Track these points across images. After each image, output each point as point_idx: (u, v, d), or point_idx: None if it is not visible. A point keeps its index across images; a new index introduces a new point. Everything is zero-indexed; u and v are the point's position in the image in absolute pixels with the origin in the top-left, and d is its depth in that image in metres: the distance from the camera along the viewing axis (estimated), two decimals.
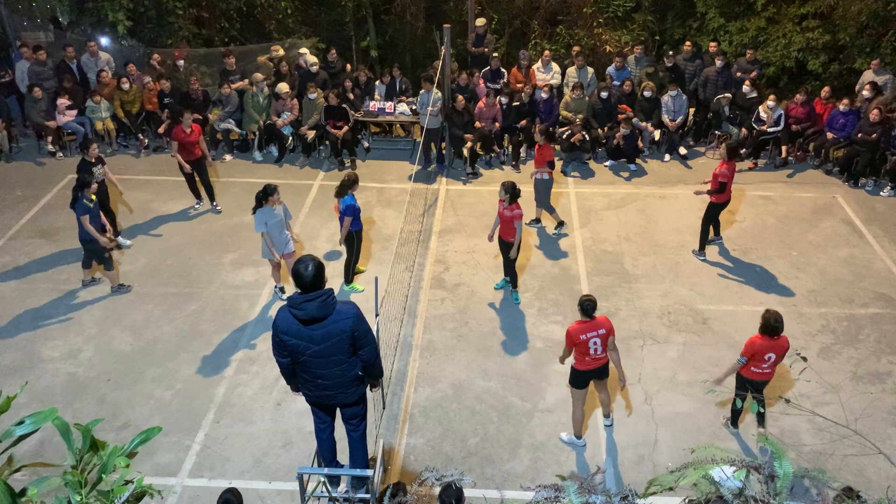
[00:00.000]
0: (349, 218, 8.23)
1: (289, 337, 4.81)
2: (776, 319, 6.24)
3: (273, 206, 8.05)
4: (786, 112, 11.90)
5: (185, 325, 8.35)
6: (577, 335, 6.24)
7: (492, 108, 11.89)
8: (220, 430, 6.94)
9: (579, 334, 6.24)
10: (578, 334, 6.24)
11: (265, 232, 8.10)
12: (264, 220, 8.05)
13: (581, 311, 6.30)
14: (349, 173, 8.34)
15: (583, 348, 6.27)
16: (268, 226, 8.06)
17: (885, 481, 6.35)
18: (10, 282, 9.07)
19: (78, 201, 8.23)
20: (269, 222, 8.06)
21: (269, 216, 8.06)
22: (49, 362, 7.78)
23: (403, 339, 8.13)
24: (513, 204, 8.16)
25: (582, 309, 6.28)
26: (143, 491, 2.59)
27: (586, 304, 6.26)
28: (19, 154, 12.28)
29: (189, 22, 14.14)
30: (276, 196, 8.02)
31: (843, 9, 13.27)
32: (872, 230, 10.24)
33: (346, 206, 8.19)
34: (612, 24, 15.35)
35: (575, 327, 6.28)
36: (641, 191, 11.33)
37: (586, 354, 6.30)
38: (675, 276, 9.24)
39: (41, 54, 12.30)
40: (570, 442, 6.83)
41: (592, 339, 6.25)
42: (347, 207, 8.19)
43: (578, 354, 6.34)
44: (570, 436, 6.83)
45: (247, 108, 12.12)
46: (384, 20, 16.66)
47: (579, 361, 6.38)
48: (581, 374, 6.43)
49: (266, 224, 8.06)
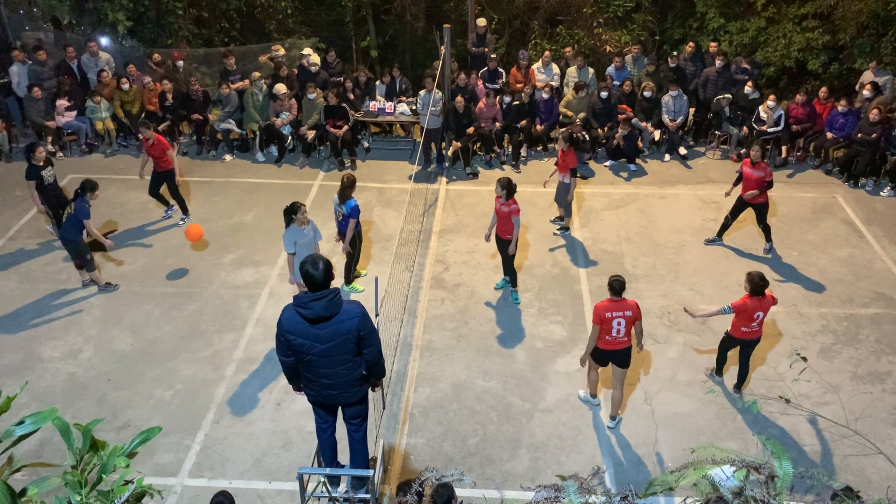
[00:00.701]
0: (354, 220, 8.22)
1: (294, 336, 4.82)
2: (761, 278, 6.65)
3: (301, 226, 7.53)
4: (786, 112, 11.90)
5: (185, 325, 8.35)
6: (604, 312, 6.39)
7: (492, 108, 11.89)
8: (220, 430, 6.94)
9: (605, 311, 6.39)
10: (605, 311, 6.39)
11: (293, 253, 7.59)
12: (294, 240, 7.52)
13: (610, 290, 6.44)
14: (348, 175, 8.22)
15: (607, 326, 6.42)
16: (297, 246, 7.53)
17: (885, 481, 6.35)
18: (10, 282, 9.07)
19: (79, 202, 8.31)
20: (298, 242, 7.52)
21: (298, 236, 7.52)
22: (49, 362, 7.78)
23: (403, 339, 8.13)
24: (509, 199, 8.16)
25: (611, 288, 6.44)
26: (143, 491, 2.59)
27: (616, 284, 6.42)
28: (19, 154, 12.27)
29: (189, 22, 14.14)
30: (301, 214, 7.51)
31: (843, 9, 13.26)
32: (872, 230, 10.24)
33: (352, 209, 8.15)
34: (612, 24, 15.36)
35: (603, 304, 6.44)
36: (641, 191, 11.33)
37: (608, 333, 6.46)
38: (675, 276, 9.24)
39: (41, 54, 12.30)
40: (585, 399, 7.22)
41: (617, 318, 6.38)
42: (353, 209, 8.16)
43: (603, 332, 6.47)
44: (586, 393, 7.18)
45: (247, 107, 12.12)
46: (384, 20, 16.65)
47: (600, 339, 6.51)
48: (600, 352, 6.60)
49: (295, 244, 7.53)
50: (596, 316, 6.43)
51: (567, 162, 9.51)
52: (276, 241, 9.96)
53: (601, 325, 6.42)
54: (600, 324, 6.42)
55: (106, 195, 11.10)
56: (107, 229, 10.09)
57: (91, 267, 8.74)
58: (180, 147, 12.53)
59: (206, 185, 11.48)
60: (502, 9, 15.85)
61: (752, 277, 6.67)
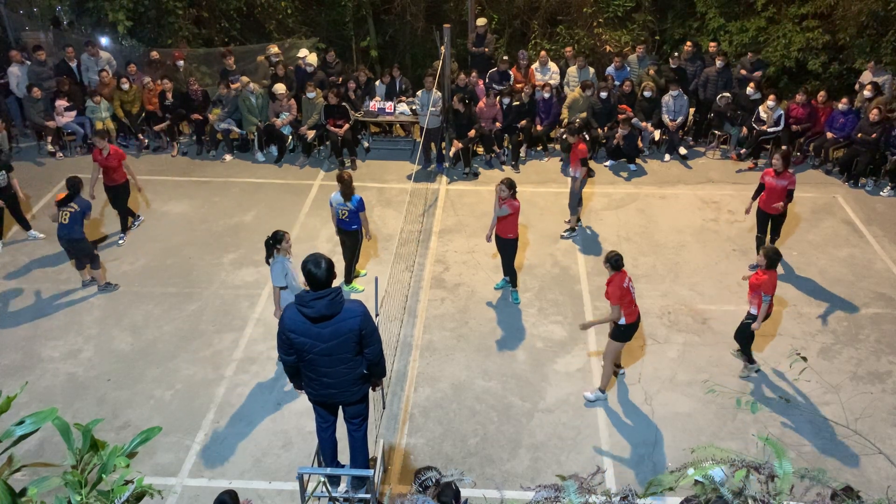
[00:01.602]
0: (363, 212, 8.29)
1: (296, 335, 4.83)
2: (776, 252, 7.03)
3: (286, 255, 6.96)
4: (787, 112, 11.90)
5: (185, 325, 8.35)
6: (621, 283, 6.65)
7: (492, 107, 11.89)
8: (220, 430, 6.94)
9: (622, 282, 6.66)
10: (621, 282, 6.66)
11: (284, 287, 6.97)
12: (283, 272, 6.89)
13: (612, 266, 6.71)
14: (347, 173, 8.25)
15: (628, 296, 6.71)
16: (287, 279, 6.92)
17: (885, 481, 6.35)
18: (10, 282, 9.07)
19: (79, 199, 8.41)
20: (288, 274, 6.93)
21: (287, 267, 6.93)
22: (49, 362, 7.78)
23: (403, 339, 8.13)
24: (513, 199, 8.18)
25: (613, 264, 6.70)
26: (143, 491, 2.59)
27: (616, 259, 6.73)
28: (19, 154, 12.27)
29: (189, 22, 14.14)
30: (286, 243, 6.90)
31: (843, 9, 13.26)
32: (872, 230, 10.24)
33: (359, 202, 8.20)
34: (612, 24, 15.35)
35: (616, 279, 6.68)
36: (641, 191, 11.33)
37: (633, 302, 6.77)
38: (675, 276, 9.24)
39: (40, 54, 12.29)
40: (596, 399, 7.23)
41: (630, 284, 6.77)
42: (360, 203, 8.21)
43: (627, 305, 6.72)
44: (596, 392, 7.22)
45: (241, 110, 12.12)
46: (384, 20, 16.65)
47: (630, 313, 6.79)
48: (633, 326, 6.89)
49: (286, 277, 6.91)
50: (616, 294, 6.65)
51: (576, 153, 9.45)
52: None
53: (622, 298, 6.66)
54: (620, 300, 6.67)
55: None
56: (95, 237, 9.87)
57: (97, 263, 8.75)
58: (180, 147, 12.54)
59: (206, 185, 11.48)
60: (502, 9, 15.84)
61: (769, 253, 7.00)
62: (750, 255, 9.66)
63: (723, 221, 10.44)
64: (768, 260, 6.99)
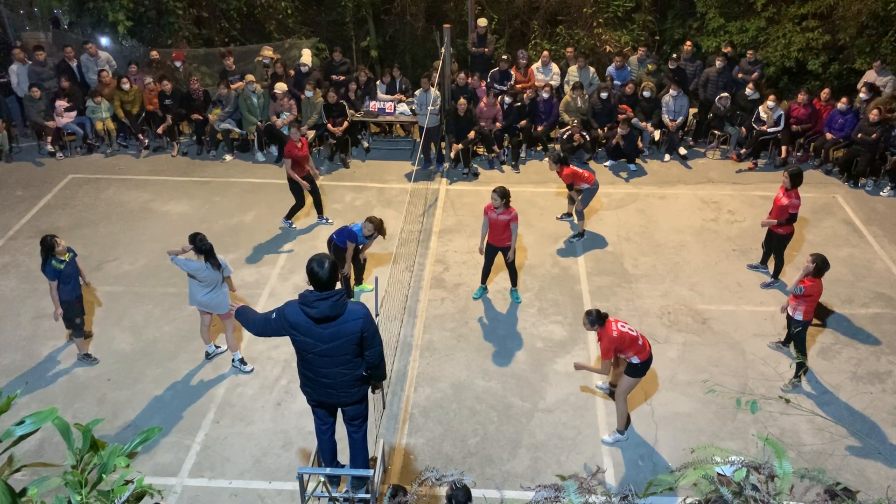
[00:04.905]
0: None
1: (297, 333, 4.81)
2: (824, 261, 7.07)
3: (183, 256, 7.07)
4: (787, 112, 11.90)
5: (185, 325, 8.35)
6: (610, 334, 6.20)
7: (492, 107, 11.89)
8: (220, 430, 6.94)
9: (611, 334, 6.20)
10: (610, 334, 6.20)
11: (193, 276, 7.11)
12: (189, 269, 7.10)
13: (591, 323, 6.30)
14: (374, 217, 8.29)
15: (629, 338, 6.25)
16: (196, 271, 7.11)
17: (885, 481, 6.35)
18: (10, 282, 9.07)
19: (47, 264, 7.14)
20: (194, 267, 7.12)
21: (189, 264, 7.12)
22: (49, 362, 7.78)
23: (403, 339, 8.13)
24: (507, 208, 8.16)
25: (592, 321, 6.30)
26: (143, 491, 2.59)
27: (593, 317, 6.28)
28: (19, 154, 12.28)
29: (189, 22, 14.15)
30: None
31: (843, 9, 13.27)
32: (872, 230, 10.24)
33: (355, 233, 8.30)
34: (612, 24, 15.36)
35: (604, 334, 6.27)
36: (641, 191, 11.33)
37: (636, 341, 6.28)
38: (675, 276, 9.24)
39: (40, 54, 12.29)
40: (615, 441, 6.78)
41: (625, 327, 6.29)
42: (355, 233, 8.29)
43: (631, 346, 6.26)
44: (615, 434, 6.80)
45: (242, 109, 12.12)
46: (384, 20, 16.66)
47: (641, 352, 6.31)
48: (647, 363, 6.42)
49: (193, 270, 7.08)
50: (609, 352, 6.24)
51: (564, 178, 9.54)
52: (276, 241, 9.98)
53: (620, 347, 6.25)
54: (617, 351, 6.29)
55: (106, 195, 11.12)
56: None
57: (79, 332, 7.59)
58: (180, 147, 12.54)
59: (206, 185, 11.48)
60: (502, 9, 15.85)
61: (817, 260, 7.03)
62: (750, 255, 9.67)
63: (723, 221, 10.44)
64: (816, 267, 7.02)
